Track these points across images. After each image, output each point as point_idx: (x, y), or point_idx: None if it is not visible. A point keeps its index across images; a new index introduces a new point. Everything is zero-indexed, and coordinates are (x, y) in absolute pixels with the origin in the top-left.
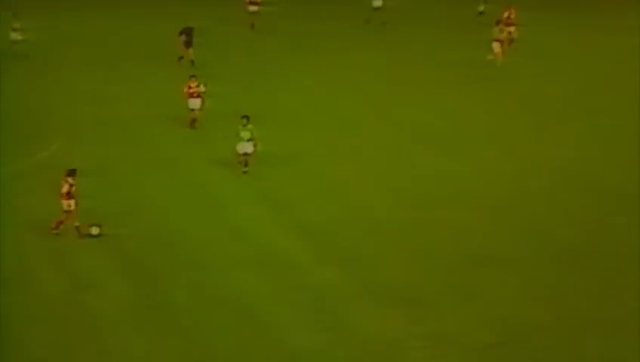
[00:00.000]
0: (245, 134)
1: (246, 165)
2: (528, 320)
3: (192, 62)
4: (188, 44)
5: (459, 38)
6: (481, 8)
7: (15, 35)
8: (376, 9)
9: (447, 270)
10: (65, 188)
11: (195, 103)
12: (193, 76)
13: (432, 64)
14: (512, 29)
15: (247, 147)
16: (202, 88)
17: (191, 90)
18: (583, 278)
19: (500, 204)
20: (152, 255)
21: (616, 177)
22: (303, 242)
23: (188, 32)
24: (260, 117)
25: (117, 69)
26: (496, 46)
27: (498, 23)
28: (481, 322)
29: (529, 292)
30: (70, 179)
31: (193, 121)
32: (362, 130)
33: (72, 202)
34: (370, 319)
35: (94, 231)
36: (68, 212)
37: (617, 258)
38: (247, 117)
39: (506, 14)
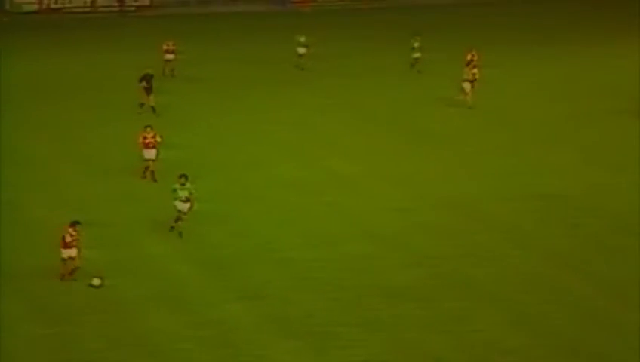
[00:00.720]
0: (183, 193)
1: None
2: (431, 351)
3: (153, 108)
4: (148, 90)
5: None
6: (417, 55)
7: None
8: (301, 55)
9: (354, 303)
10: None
11: (150, 154)
12: (148, 126)
13: (348, 110)
14: (475, 70)
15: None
16: (158, 138)
17: (146, 141)
18: (487, 311)
19: (405, 239)
20: (61, 296)
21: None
22: (208, 278)
23: (148, 78)
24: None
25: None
26: (466, 86)
27: (468, 64)
28: (387, 352)
29: (435, 324)
30: (71, 230)
31: (148, 171)
32: (272, 171)
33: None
34: (275, 351)
35: (96, 282)
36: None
37: (515, 289)
38: (185, 176)
39: (469, 56)
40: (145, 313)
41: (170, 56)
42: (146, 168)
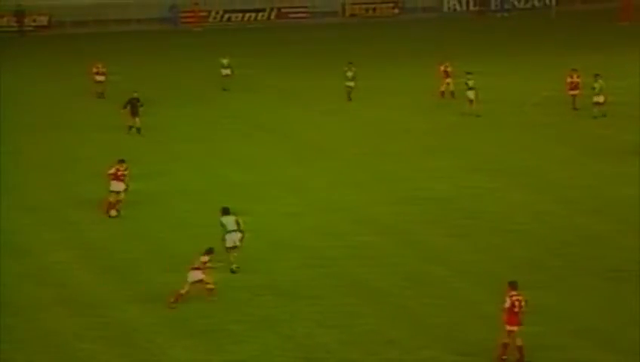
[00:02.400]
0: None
1: None
2: (321, 344)
3: (139, 130)
4: (134, 113)
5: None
6: (351, 84)
7: None
8: (225, 76)
9: (248, 302)
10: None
11: (118, 186)
12: (122, 161)
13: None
14: (449, 80)
15: None
16: (127, 172)
17: (119, 173)
18: (372, 306)
19: (298, 241)
20: None
21: (392, 214)
22: (108, 281)
23: (133, 102)
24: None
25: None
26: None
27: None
28: (280, 347)
29: (325, 319)
30: None
31: (112, 206)
32: (170, 180)
33: None
34: (173, 349)
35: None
36: None
37: (397, 285)
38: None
39: (442, 67)
40: (46, 317)
41: (100, 78)
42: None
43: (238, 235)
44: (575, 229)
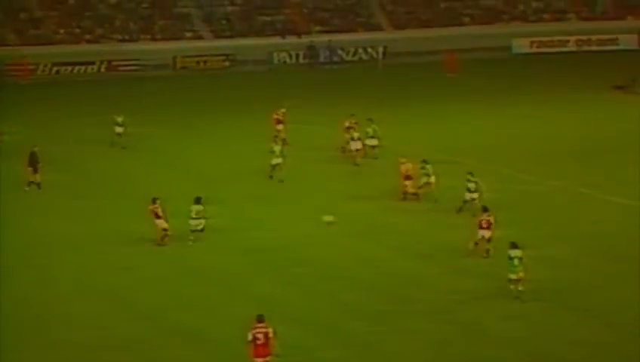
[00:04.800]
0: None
1: None
2: None
3: (39, 185)
4: (34, 169)
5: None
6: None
7: None
8: (119, 135)
9: (82, 358)
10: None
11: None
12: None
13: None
14: (280, 126)
15: None
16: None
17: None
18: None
19: (129, 294)
20: None
21: (225, 263)
22: None
23: (32, 156)
24: None
25: None
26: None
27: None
28: None
29: None
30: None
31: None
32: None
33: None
34: None
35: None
36: None
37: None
38: None
39: (275, 115)
40: None
41: None
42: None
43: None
44: (403, 273)
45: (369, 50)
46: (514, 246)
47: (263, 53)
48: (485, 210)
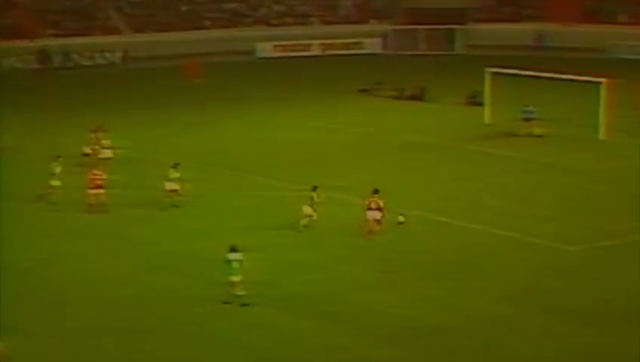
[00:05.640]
0: None
1: None
2: None
3: None
4: None
5: None
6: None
7: None
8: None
9: None
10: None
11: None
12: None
13: None
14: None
15: None
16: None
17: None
18: None
19: None
20: None
21: None
22: None
23: None
24: None
25: None
26: None
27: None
28: None
29: None
30: None
31: None
32: None
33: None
34: None
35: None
36: None
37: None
38: None
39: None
40: None
41: None
42: None
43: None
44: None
45: (107, 54)
46: (233, 249)
47: None
48: (376, 192)
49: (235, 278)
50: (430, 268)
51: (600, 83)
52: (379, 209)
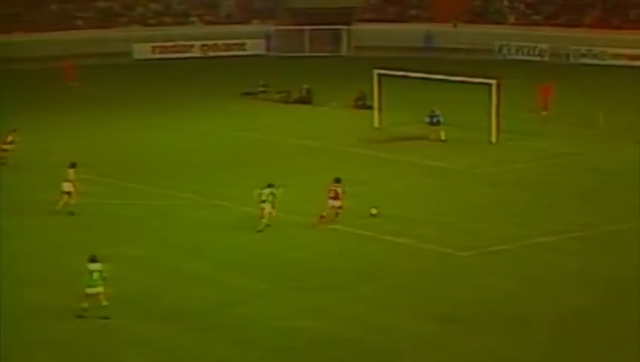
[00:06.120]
0: None
1: None
2: None
3: None
4: None
5: None
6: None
7: None
8: None
9: None
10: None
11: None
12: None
13: None
14: None
15: None
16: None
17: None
18: None
19: None
20: None
21: None
22: None
23: None
24: None
25: None
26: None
27: None
28: None
29: None
30: None
31: None
32: None
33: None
34: None
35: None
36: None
37: None
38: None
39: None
40: None
41: None
42: None
43: None
44: None
45: None
46: (93, 260)
47: None
48: (337, 181)
49: (95, 290)
50: (320, 277)
51: (490, 84)
52: (337, 197)
